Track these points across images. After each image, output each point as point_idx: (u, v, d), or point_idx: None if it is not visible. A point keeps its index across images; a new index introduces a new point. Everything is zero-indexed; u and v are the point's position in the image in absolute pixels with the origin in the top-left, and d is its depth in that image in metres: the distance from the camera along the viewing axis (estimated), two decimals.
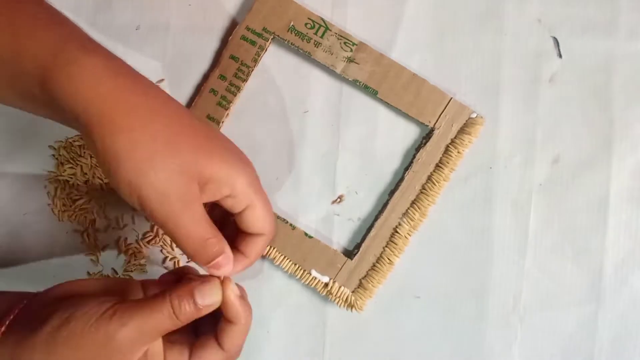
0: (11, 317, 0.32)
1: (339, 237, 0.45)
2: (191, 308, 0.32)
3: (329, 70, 0.44)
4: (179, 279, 0.36)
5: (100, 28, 0.45)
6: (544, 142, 0.44)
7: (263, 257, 0.44)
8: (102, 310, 0.31)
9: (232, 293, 0.33)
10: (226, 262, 0.33)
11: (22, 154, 0.45)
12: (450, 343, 0.44)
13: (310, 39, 0.43)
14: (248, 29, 0.44)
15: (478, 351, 0.44)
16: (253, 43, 0.44)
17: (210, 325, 0.34)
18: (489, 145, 0.44)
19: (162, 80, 0.45)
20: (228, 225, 0.35)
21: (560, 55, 0.44)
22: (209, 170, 0.32)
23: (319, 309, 0.45)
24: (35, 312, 0.32)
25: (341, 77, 0.44)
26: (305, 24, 0.43)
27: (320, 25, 0.43)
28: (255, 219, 0.34)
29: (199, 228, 0.32)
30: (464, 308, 0.44)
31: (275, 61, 0.45)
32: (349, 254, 0.44)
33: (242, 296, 0.34)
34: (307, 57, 0.44)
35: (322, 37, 0.43)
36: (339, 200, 0.45)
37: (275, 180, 0.45)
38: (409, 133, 0.44)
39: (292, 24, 0.43)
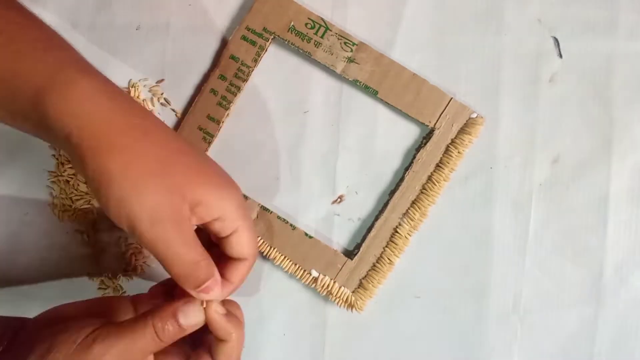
0: (0, 348, 0.32)
1: (339, 237, 0.45)
2: (175, 329, 0.31)
3: (329, 70, 0.44)
4: (170, 290, 0.36)
5: (100, 28, 0.45)
6: (544, 142, 0.44)
7: (263, 257, 0.44)
8: (82, 337, 0.30)
9: (216, 312, 0.33)
10: (215, 286, 0.32)
11: (22, 153, 0.45)
12: (450, 343, 0.44)
13: (310, 39, 0.43)
14: (248, 29, 0.44)
15: (478, 351, 0.44)
16: (253, 43, 0.44)
17: (208, 336, 0.34)
18: (489, 145, 0.44)
19: (162, 80, 0.45)
20: (212, 251, 0.34)
21: (560, 55, 0.44)
22: (200, 192, 0.31)
23: (319, 309, 0.45)
24: (23, 341, 0.32)
25: (341, 77, 0.44)
26: (306, 24, 0.43)
27: (321, 25, 0.43)
28: (242, 243, 0.33)
29: (190, 250, 0.31)
30: (464, 308, 0.44)
31: (275, 61, 0.45)
32: (349, 254, 0.44)
33: (230, 312, 0.34)
34: (307, 57, 0.44)
35: (322, 37, 0.43)
36: (339, 200, 0.45)
37: (275, 180, 0.45)
38: (409, 133, 0.44)
39: (292, 24, 0.43)
